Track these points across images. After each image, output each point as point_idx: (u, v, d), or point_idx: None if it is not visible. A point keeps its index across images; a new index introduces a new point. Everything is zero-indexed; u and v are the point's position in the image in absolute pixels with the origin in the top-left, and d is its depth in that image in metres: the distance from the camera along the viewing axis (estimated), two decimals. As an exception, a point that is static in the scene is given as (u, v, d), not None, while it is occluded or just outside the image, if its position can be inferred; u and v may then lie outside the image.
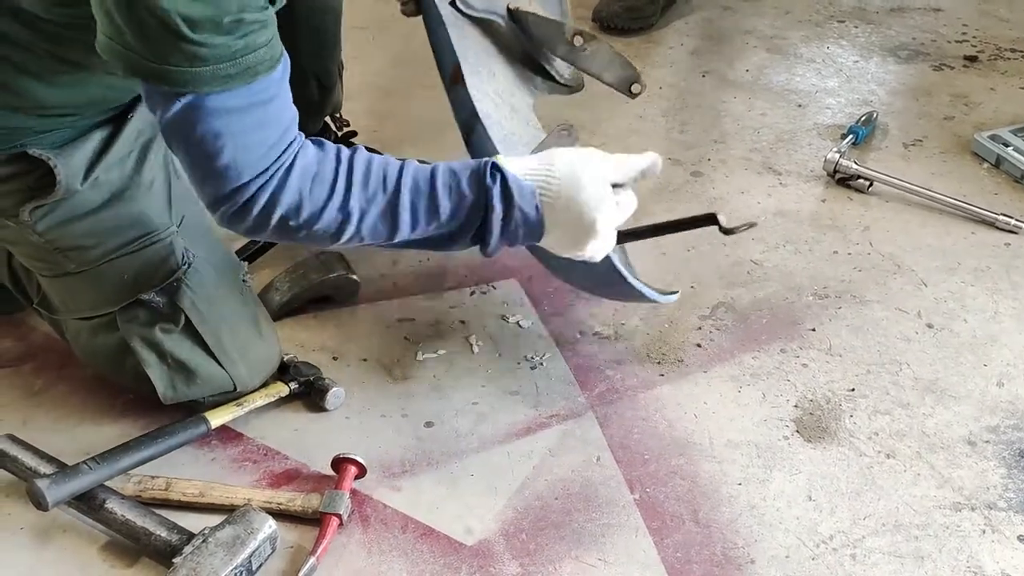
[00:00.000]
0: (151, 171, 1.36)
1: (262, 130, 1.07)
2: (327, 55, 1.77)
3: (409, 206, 1.14)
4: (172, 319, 1.37)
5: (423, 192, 1.15)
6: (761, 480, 1.39)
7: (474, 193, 1.15)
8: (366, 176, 1.14)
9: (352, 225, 1.13)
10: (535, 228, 1.18)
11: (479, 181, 1.15)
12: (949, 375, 1.58)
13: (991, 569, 1.27)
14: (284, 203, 1.09)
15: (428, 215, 1.15)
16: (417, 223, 1.15)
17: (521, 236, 1.19)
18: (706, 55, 2.58)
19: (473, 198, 1.15)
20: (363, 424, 1.48)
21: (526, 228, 1.18)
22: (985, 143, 2.14)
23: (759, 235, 1.91)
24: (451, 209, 1.15)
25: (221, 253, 1.47)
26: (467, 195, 1.15)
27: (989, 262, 1.84)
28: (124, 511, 1.26)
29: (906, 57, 2.58)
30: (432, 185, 1.15)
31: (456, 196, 1.15)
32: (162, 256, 1.35)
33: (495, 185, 1.15)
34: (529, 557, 1.28)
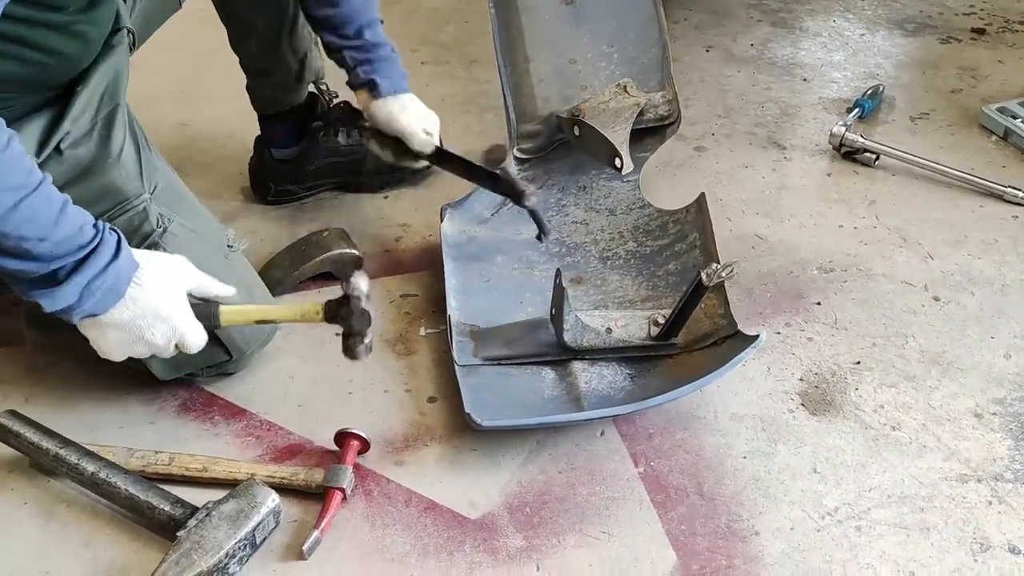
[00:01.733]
0: (118, 142, 1.35)
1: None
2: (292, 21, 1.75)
3: (34, 208, 1.09)
4: None
5: (54, 205, 1.12)
6: (766, 453, 1.39)
7: (92, 236, 1.15)
8: (20, 158, 1.09)
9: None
10: (115, 296, 1.18)
11: (100, 231, 1.16)
12: (956, 348, 1.57)
13: (997, 540, 1.27)
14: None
15: (43, 225, 1.10)
16: (27, 226, 1.09)
17: (96, 297, 1.16)
18: (710, 29, 2.55)
19: (89, 238, 1.14)
20: (366, 399, 1.47)
21: (107, 292, 1.16)
22: (993, 116, 2.11)
23: (764, 209, 1.89)
24: (65, 234, 1.12)
25: (201, 219, 1.46)
26: (86, 233, 1.14)
27: (996, 235, 1.82)
28: (128, 485, 1.26)
29: (913, 30, 2.56)
30: (63, 206, 1.13)
31: (77, 229, 1.13)
32: (136, 223, 1.35)
33: (111, 240, 1.17)
34: (533, 530, 1.28)
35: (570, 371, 1.49)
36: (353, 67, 1.59)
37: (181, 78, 2.29)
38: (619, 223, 1.78)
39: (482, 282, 1.66)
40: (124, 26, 1.38)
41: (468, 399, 1.37)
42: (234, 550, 1.19)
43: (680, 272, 1.63)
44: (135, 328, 1.21)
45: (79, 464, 1.28)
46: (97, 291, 1.16)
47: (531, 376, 1.49)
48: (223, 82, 2.22)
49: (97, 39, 1.33)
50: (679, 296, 1.44)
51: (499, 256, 1.71)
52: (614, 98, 1.79)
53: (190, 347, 1.26)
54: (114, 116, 1.35)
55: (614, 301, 1.63)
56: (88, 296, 1.15)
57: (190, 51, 1.67)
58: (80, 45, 1.29)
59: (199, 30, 1.67)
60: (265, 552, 1.24)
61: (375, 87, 1.59)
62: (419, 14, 2.64)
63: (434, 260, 1.69)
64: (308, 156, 1.86)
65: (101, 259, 1.15)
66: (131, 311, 1.19)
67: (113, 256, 1.17)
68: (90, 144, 1.33)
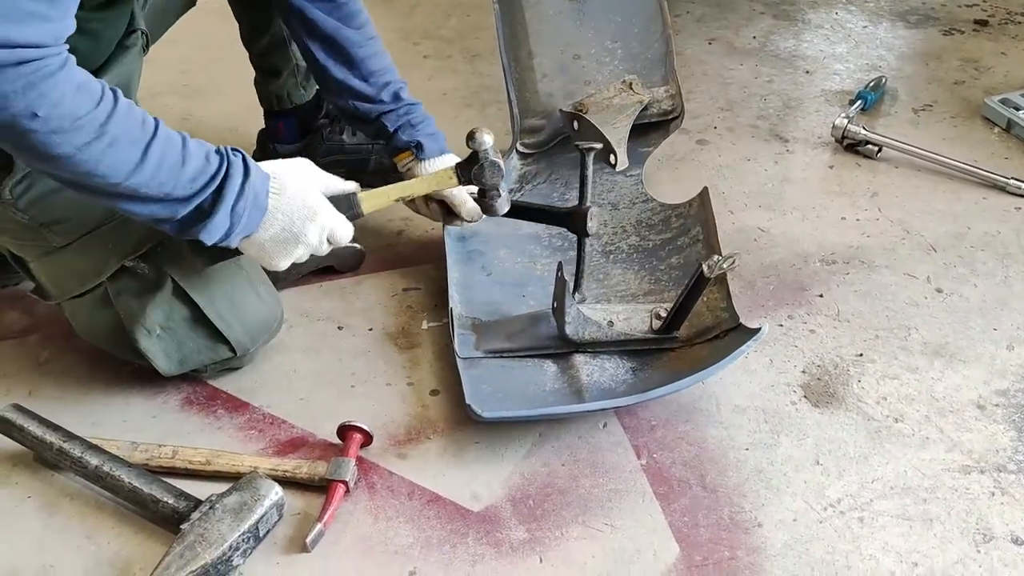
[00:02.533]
0: None
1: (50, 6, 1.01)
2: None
3: (160, 152, 1.13)
4: (160, 286, 1.36)
5: (175, 145, 1.15)
6: (768, 445, 1.39)
7: (218, 162, 1.18)
8: (129, 108, 1.12)
9: (100, 145, 1.08)
10: (261, 211, 1.23)
11: (223, 154, 1.20)
12: (958, 339, 1.57)
13: (1000, 531, 1.27)
14: (45, 93, 1.02)
15: (172, 167, 1.14)
16: (160, 170, 1.13)
17: (246, 216, 1.21)
18: (712, 22, 2.55)
19: (216, 166, 1.18)
20: (369, 393, 1.48)
21: (253, 208, 1.22)
22: (995, 107, 2.11)
23: (766, 202, 1.89)
24: (195, 170, 1.16)
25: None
26: (212, 162, 1.18)
27: (999, 227, 1.82)
28: (131, 479, 1.27)
29: (916, 22, 2.55)
30: (184, 144, 1.16)
31: (203, 160, 1.17)
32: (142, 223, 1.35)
33: (237, 161, 1.20)
34: (536, 523, 1.28)
35: (572, 364, 1.49)
36: (394, 132, 1.57)
37: (184, 71, 2.29)
38: (622, 217, 1.78)
39: (484, 275, 1.66)
40: (138, 28, 1.38)
41: (469, 391, 1.38)
42: (238, 543, 1.20)
43: (682, 266, 1.63)
44: (288, 234, 1.26)
45: (83, 458, 1.29)
46: (244, 211, 1.20)
47: (533, 369, 1.49)
48: (226, 76, 2.23)
49: (110, 38, 1.33)
50: (681, 290, 1.44)
51: (502, 250, 1.72)
52: (618, 94, 1.79)
53: (340, 239, 1.31)
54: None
55: (616, 295, 1.63)
56: (237, 219, 1.20)
57: (193, 44, 1.67)
58: (92, 43, 1.28)
59: (202, 24, 1.67)
60: (268, 545, 1.25)
61: (421, 149, 1.57)
62: (421, 8, 2.64)
63: (436, 254, 1.69)
64: (312, 153, 1.86)
65: (235, 181, 1.19)
66: (280, 220, 1.25)
67: (244, 174, 1.20)
68: None
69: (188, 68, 2.30)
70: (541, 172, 1.82)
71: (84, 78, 1.08)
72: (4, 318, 1.61)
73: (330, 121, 1.87)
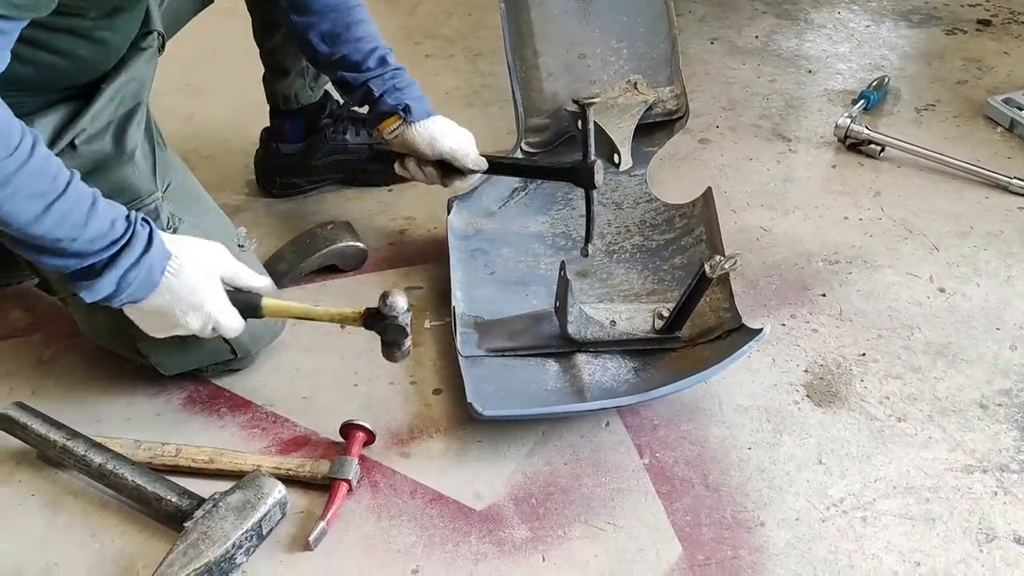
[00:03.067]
0: (133, 141, 1.36)
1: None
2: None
3: (63, 209, 1.13)
4: None
5: (82, 205, 1.15)
6: (771, 444, 1.39)
7: (123, 230, 1.18)
8: (45, 161, 1.11)
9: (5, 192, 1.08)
10: (150, 286, 1.23)
11: (131, 223, 1.19)
12: (961, 339, 1.57)
13: (1003, 531, 1.27)
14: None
15: (74, 225, 1.14)
16: (60, 226, 1.13)
17: (132, 287, 1.21)
18: (714, 22, 2.55)
19: (120, 234, 1.18)
20: (371, 391, 1.48)
21: (142, 282, 1.21)
22: (998, 107, 2.11)
23: (768, 201, 1.89)
24: (96, 232, 1.16)
25: (212, 218, 1.46)
26: (117, 229, 1.18)
27: (1002, 226, 1.82)
28: (135, 477, 1.27)
29: (918, 21, 2.55)
30: (93, 204, 1.16)
31: (107, 225, 1.17)
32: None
33: (143, 233, 1.21)
34: (539, 521, 1.28)
35: (574, 363, 1.49)
36: (379, 96, 1.55)
37: (187, 70, 2.29)
38: (625, 217, 1.78)
39: (487, 274, 1.66)
40: (154, 29, 1.38)
41: (471, 390, 1.38)
42: (241, 541, 1.20)
43: (686, 266, 1.63)
44: (172, 314, 1.26)
45: (86, 456, 1.29)
46: (133, 281, 1.20)
47: (535, 368, 1.49)
48: (229, 75, 2.23)
49: (119, 45, 1.32)
50: (684, 290, 1.44)
51: (505, 249, 1.72)
52: (623, 94, 1.79)
53: (226, 332, 1.30)
54: (132, 115, 1.35)
55: (619, 294, 1.63)
56: (125, 286, 1.20)
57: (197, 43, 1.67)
58: (99, 50, 1.28)
59: (206, 22, 1.67)
60: (271, 543, 1.25)
61: (408, 111, 1.55)
62: (423, 7, 2.64)
63: (438, 253, 1.69)
64: (315, 152, 1.86)
65: (134, 252, 1.19)
66: (167, 298, 1.24)
67: (145, 248, 1.21)
68: (104, 142, 1.33)
69: (192, 67, 2.29)
70: (544, 171, 1.82)
71: (4, 124, 1.07)
72: (7, 316, 1.61)
73: (333, 121, 1.87)
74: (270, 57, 1.81)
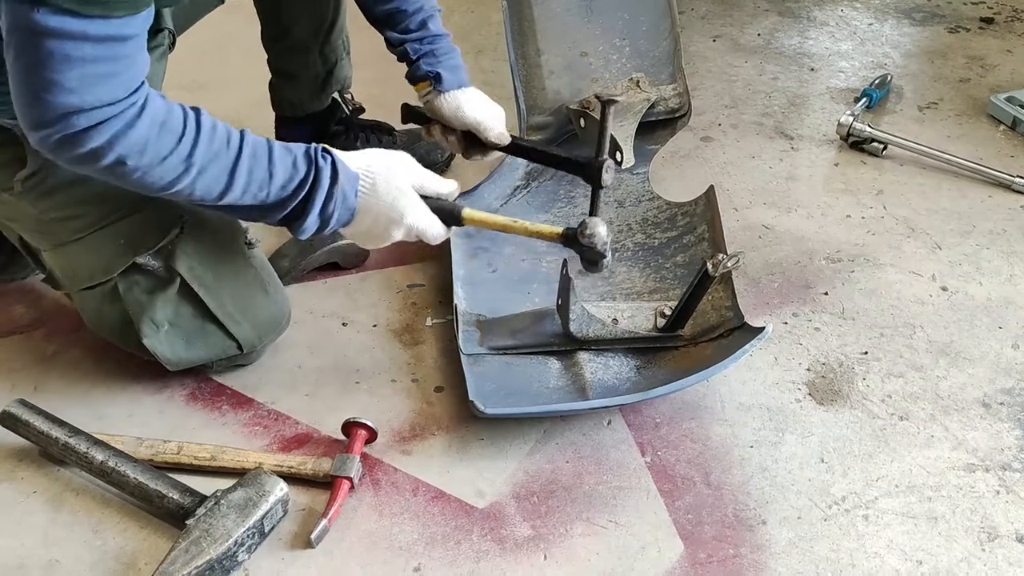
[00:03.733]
0: None
1: (114, 63, 1.05)
2: (327, 30, 1.75)
3: (247, 170, 1.18)
4: (169, 283, 1.37)
5: (261, 159, 1.19)
6: (773, 443, 1.39)
7: (306, 169, 1.22)
8: (212, 133, 1.16)
9: (189, 177, 1.15)
10: (350, 211, 1.27)
11: (311, 160, 1.23)
12: (963, 338, 1.56)
13: (1005, 529, 1.26)
14: (129, 143, 1.09)
15: (261, 181, 1.20)
16: (249, 187, 1.19)
17: (335, 217, 1.26)
18: (716, 20, 2.55)
19: (304, 173, 1.22)
20: (373, 389, 1.48)
21: (342, 210, 1.26)
22: (1001, 105, 2.11)
23: (771, 199, 1.89)
24: (283, 179, 1.21)
25: (219, 216, 1.46)
26: (300, 169, 1.22)
27: (1005, 225, 1.82)
28: (136, 474, 1.27)
29: (921, 19, 2.54)
30: (270, 155, 1.20)
31: (290, 169, 1.21)
32: (154, 220, 1.36)
33: (326, 165, 1.23)
34: (540, 519, 1.28)
35: (576, 361, 1.49)
36: (415, 59, 1.55)
37: (190, 68, 2.28)
38: (627, 215, 1.78)
39: (489, 272, 1.66)
40: (165, 27, 1.38)
41: (473, 387, 1.38)
42: (243, 538, 1.20)
43: (688, 264, 1.63)
44: (376, 231, 1.30)
45: (88, 453, 1.29)
46: (334, 211, 1.25)
47: (537, 366, 1.49)
48: (233, 71, 2.23)
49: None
50: (686, 288, 1.44)
51: (507, 247, 1.71)
52: (626, 92, 1.79)
53: (431, 239, 1.34)
54: None
55: (621, 293, 1.63)
56: (329, 218, 1.25)
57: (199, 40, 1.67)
58: None
59: (210, 18, 1.66)
60: (273, 540, 1.25)
61: (439, 80, 1.53)
62: (425, 4, 2.64)
63: (440, 250, 1.69)
64: None
65: (323, 185, 1.23)
66: (369, 218, 1.28)
67: (332, 178, 1.23)
68: None
69: (195, 63, 2.29)
70: (547, 169, 1.82)
71: (165, 115, 1.12)
72: (11, 312, 1.61)
73: (344, 129, 1.86)
74: (278, 61, 1.80)
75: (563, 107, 1.80)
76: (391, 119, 1.93)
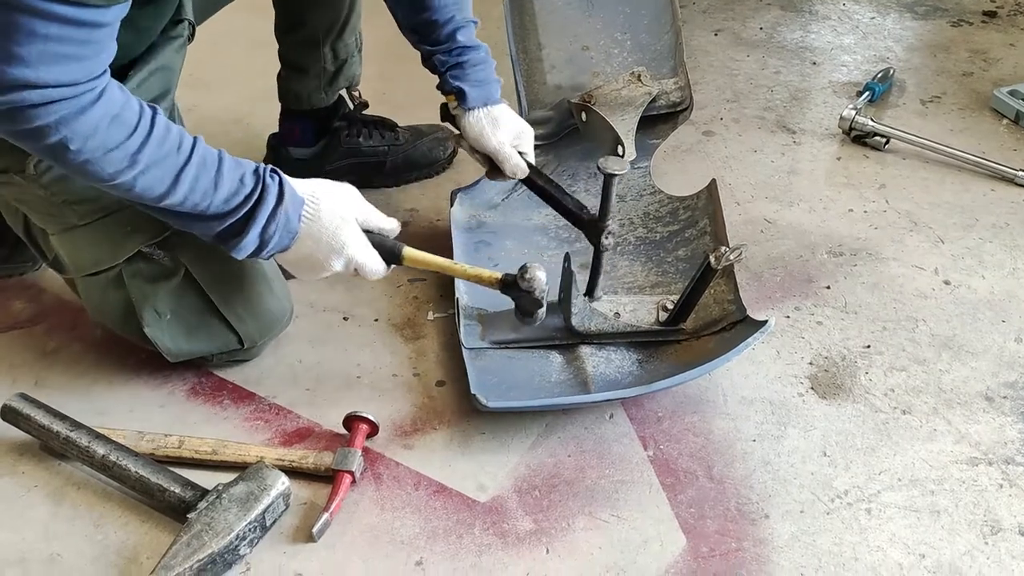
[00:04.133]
0: None
1: (80, 47, 1.03)
2: (341, 26, 1.75)
3: (192, 177, 1.16)
4: (174, 273, 1.37)
5: (209, 169, 1.17)
6: (775, 436, 1.38)
7: (252, 185, 1.21)
8: (165, 134, 1.14)
9: (132, 173, 1.12)
10: (291, 235, 1.25)
11: (259, 177, 1.21)
12: (966, 331, 1.56)
13: (1008, 523, 1.26)
14: (77, 128, 1.06)
15: (205, 191, 1.18)
16: (192, 194, 1.17)
17: (275, 240, 1.24)
18: (718, 13, 2.54)
19: (250, 189, 1.20)
20: (374, 383, 1.47)
21: (283, 232, 1.24)
22: (1004, 99, 2.10)
23: (773, 193, 1.89)
24: (227, 193, 1.19)
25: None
26: (247, 184, 1.20)
27: (1008, 218, 1.81)
28: (138, 468, 1.27)
29: (924, 13, 2.54)
30: (219, 166, 1.18)
31: (236, 183, 1.19)
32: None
33: (273, 184, 1.22)
34: (542, 513, 1.28)
35: (577, 355, 1.49)
36: (443, 72, 1.52)
37: (190, 61, 2.28)
38: (629, 209, 1.77)
39: (491, 267, 1.66)
40: (185, 17, 1.37)
41: (475, 381, 1.38)
42: (244, 532, 1.20)
43: (689, 258, 1.63)
44: (314, 260, 1.28)
45: (89, 447, 1.29)
46: (274, 233, 1.23)
47: (538, 360, 1.49)
48: (232, 67, 2.23)
49: (152, 30, 1.32)
50: (688, 281, 1.43)
51: (509, 241, 1.71)
52: (627, 86, 1.78)
53: (369, 275, 1.32)
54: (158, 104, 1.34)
55: (623, 286, 1.62)
56: (268, 239, 1.23)
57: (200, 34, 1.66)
58: (133, 36, 1.27)
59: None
60: (275, 534, 1.25)
61: (463, 97, 1.50)
62: (426, -1, 2.63)
63: (442, 245, 1.68)
64: (328, 156, 1.85)
65: (268, 205, 1.21)
66: (308, 246, 1.27)
67: (278, 199, 1.22)
68: None
69: (196, 59, 2.28)
70: (549, 164, 1.82)
71: (120, 108, 1.10)
72: (11, 307, 1.61)
73: (348, 124, 1.86)
74: (289, 53, 1.80)
75: (564, 101, 1.79)
76: (396, 115, 1.93)
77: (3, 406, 1.34)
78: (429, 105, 1.65)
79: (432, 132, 1.92)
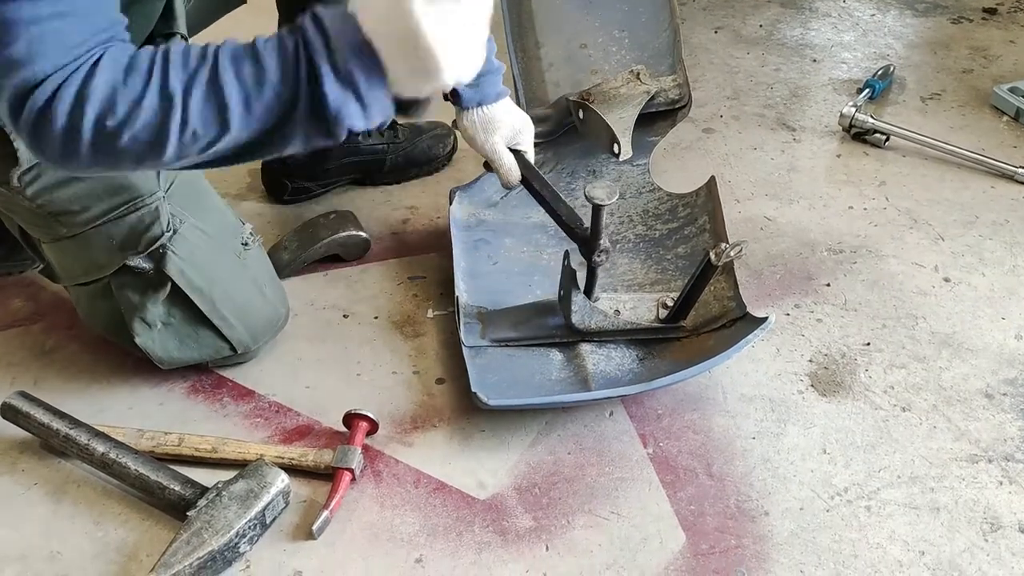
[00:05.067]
0: None
1: (62, 20, 0.95)
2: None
3: (233, 73, 0.99)
4: (160, 285, 1.36)
5: (244, 56, 1.00)
6: (775, 434, 1.38)
7: (293, 39, 1.00)
8: (184, 56, 1.00)
9: (178, 110, 0.98)
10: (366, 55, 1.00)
11: (294, 28, 1.02)
12: (966, 329, 1.56)
13: (1008, 520, 1.26)
14: (95, 96, 0.96)
15: (255, 79, 0.99)
16: (247, 93, 0.99)
17: (360, 73, 0.99)
18: (718, 11, 2.53)
19: (293, 43, 1.00)
20: (374, 381, 1.47)
21: (359, 59, 0.99)
22: (1004, 96, 2.10)
23: (773, 191, 1.88)
24: (276, 64, 0.99)
25: (216, 217, 1.43)
26: (287, 44, 1.00)
27: (1007, 216, 1.81)
28: (138, 466, 1.27)
29: (924, 10, 2.53)
30: (252, 48, 1.01)
31: (278, 50, 1.00)
32: (147, 222, 1.33)
33: (307, 20, 1.01)
34: (542, 511, 1.28)
35: (578, 353, 1.49)
36: None
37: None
38: (628, 207, 1.77)
39: (490, 264, 1.66)
40: (177, 31, 1.35)
41: (475, 379, 1.37)
42: (244, 530, 1.20)
43: (689, 255, 1.63)
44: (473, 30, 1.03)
45: (89, 445, 1.29)
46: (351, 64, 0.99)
47: (539, 358, 1.49)
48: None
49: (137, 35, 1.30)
50: (688, 278, 1.43)
51: (508, 239, 1.71)
52: (625, 84, 1.78)
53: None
54: None
55: (623, 284, 1.62)
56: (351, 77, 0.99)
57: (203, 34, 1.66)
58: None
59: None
60: (275, 532, 1.25)
61: (457, 97, 1.43)
62: (426, -3, 2.62)
63: (442, 242, 1.69)
64: (327, 155, 1.84)
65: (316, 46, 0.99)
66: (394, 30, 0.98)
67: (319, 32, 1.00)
68: None
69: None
70: (547, 161, 1.81)
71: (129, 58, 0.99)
72: (9, 305, 1.61)
73: None
74: None
75: (563, 99, 1.79)
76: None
77: (3, 404, 1.34)
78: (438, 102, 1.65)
79: (431, 129, 1.91)
